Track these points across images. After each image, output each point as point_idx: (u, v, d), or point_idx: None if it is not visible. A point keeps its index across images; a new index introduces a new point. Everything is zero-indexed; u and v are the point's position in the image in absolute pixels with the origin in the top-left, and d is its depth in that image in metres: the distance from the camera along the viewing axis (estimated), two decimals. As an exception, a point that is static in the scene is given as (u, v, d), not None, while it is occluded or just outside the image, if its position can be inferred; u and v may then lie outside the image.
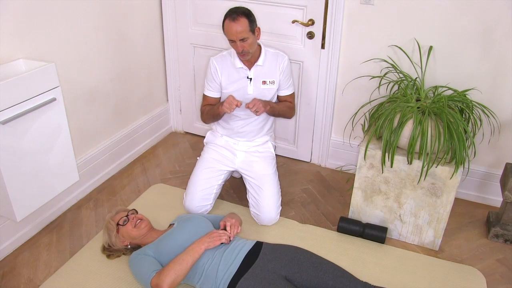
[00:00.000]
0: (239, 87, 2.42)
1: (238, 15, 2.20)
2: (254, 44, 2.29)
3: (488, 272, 2.20)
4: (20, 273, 2.16)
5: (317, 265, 1.91)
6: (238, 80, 2.42)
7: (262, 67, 2.41)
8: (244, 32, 2.20)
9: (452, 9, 2.33)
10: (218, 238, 1.98)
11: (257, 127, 2.53)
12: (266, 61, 2.41)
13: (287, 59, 2.46)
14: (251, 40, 2.24)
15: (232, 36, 2.22)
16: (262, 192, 2.42)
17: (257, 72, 2.41)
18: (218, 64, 2.43)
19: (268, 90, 2.44)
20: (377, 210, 2.37)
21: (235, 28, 2.19)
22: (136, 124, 3.09)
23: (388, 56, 2.57)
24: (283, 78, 2.46)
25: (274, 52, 2.45)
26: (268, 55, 2.42)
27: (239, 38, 2.21)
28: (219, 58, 2.45)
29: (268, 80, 2.43)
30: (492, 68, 2.39)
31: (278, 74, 2.44)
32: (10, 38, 2.07)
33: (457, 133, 2.01)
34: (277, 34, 2.79)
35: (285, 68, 2.44)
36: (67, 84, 2.42)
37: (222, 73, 2.43)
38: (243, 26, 2.19)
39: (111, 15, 2.66)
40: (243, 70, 2.40)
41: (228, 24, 2.21)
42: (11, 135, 1.90)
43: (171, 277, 1.84)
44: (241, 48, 2.24)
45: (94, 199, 2.71)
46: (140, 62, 3.01)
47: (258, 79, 2.42)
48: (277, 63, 2.43)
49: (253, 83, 2.41)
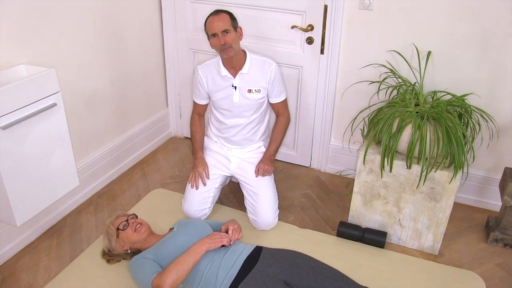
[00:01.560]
0: (225, 95, 2.43)
1: (220, 11, 2.26)
2: (236, 41, 2.29)
3: (487, 277, 2.20)
4: (20, 278, 2.16)
5: (316, 270, 1.91)
6: (224, 88, 2.42)
7: (247, 75, 2.39)
8: (226, 24, 2.22)
9: (450, 14, 2.34)
10: (219, 240, 1.98)
11: (248, 135, 2.53)
12: (251, 69, 2.39)
13: (274, 66, 2.42)
14: (233, 35, 2.26)
15: (214, 29, 2.23)
16: (258, 197, 2.42)
17: (242, 80, 2.40)
18: (203, 73, 2.45)
19: (254, 98, 2.43)
20: (376, 214, 2.37)
21: (217, 21, 2.22)
22: (136, 129, 3.10)
23: (387, 61, 2.58)
24: (273, 87, 2.44)
25: (261, 59, 2.42)
26: (254, 63, 2.40)
27: (221, 30, 2.22)
28: (204, 66, 2.46)
29: (253, 88, 2.41)
30: (491, 73, 2.40)
31: (265, 82, 2.42)
32: (11, 43, 2.09)
33: (456, 137, 2.02)
34: (276, 40, 2.80)
35: (273, 77, 2.42)
36: (68, 89, 2.43)
37: (208, 81, 2.45)
38: (225, 20, 2.23)
39: (112, 21, 2.67)
40: (227, 78, 2.40)
41: (210, 19, 2.25)
42: (12, 140, 1.91)
43: (172, 278, 1.84)
44: (223, 41, 2.23)
45: (94, 204, 2.71)
46: (140, 67, 3.02)
47: (244, 87, 2.40)
48: (263, 71, 2.41)
49: (238, 92, 2.40)
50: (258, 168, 2.46)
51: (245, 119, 2.47)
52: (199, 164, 2.50)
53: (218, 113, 2.50)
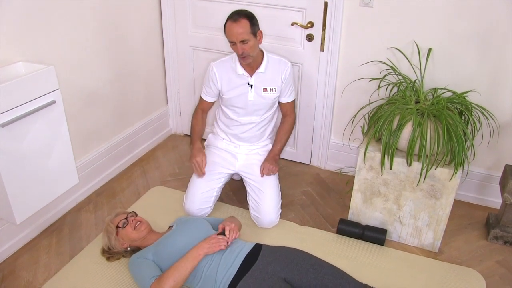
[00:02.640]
0: (239, 93, 2.41)
1: (240, 16, 2.19)
2: (255, 48, 2.27)
3: (487, 274, 2.20)
4: (20, 276, 2.16)
5: (316, 267, 1.91)
6: (239, 86, 2.41)
7: (264, 74, 2.39)
8: (244, 33, 2.19)
9: (451, 11, 2.34)
10: (217, 245, 1.96)
11: (258, 133, 2.53)
12: (268, 68, 2.40)
13: (289, 66, 2.43)
14: (252, 42, 2.23)
15: (233, 38, 2.20)
16: (263, 195, 2.42)
17: (259, 79, 2.40)
18: (218, 70, 2.42)
19: (269, 97, 2.44)
20: (376, 212, 2.37)
21: (236, 29, 2.18)
22: (135, 127, 3.10)
23: (387, 58, 2.57)
24: (285, 86, 2.45)
25: (277, 59, 2.43)
26: (270, 62, 2.41)
27: (240, 40, 2.19)
28: (219, 63, 2.44)
29: (269, 87, 2.41)
30: (491, 70, 2.39)
31: (280, 81, 2.43)
32: (10, 41, 2.08)
33: (456, 135, 2.01)
34: (276, 37, 2.79)
35: (287, 76, 2.43)
36: (67, 86, 2.43)
37: (222, 79, 2.42)
38: (244, 27, 2.18)
39: (111, 18, 2.66)
40: (244, 76, 2.39)
41: (230, 25, 2.20)
42: (11, 137, 1.90)
43: (170, 285, 1.83)
44: (241, 50, 2.22)
45: (94, 201, 2.71)
46: (139, 64, 3.01)
47: (259, 86, 2.40)
48: (279, 71, 2.41)
49: (254, 90, 2.40)
50: (263, 168, 2.46)
51: (258, 117, 2.47)
52: (196, 154, 2.47)
53: (229, 110, 2.48)
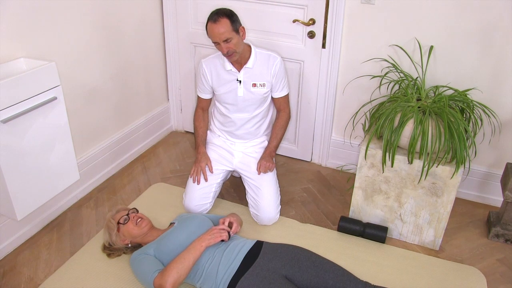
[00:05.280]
0: (229, 89, 2.42)
1: (220, 16, 2.19)
2: (239, 44, 2.27)
3: (488, 272, 2.20)
4: (20, 272, 2.16)
5: (317, 265, 1.91)
6: (228, 82, 2.42)
7: (252, 69, 2.39)
8: (226, 32, 2.18)
9: (452, 8, 2.33)
10: (218, 235, 1.98)
11: (253, 129, 2.53)
12: (256, 63, 2.39)
13: (279, 60, 2.43)
14: (235, 40, 2.23)
15: (216, 38, 2.21)
16: (261, 192, 2.42)
17: (247, 74, 2.39)
18: (207, 67, 2.44)
19: (258, 92, 2.43)
20: (377, 209, 2.37)
21: (217, 29, 2.18)
22: (136, 123, 3.10)
23: (388, 56, 2.57)
24: (276, 81, 2.45)
25: (266, 53, 2.42)
26: (258, 57, 2.40)
27: (223, 39, 2.19)
28: (209, 60, 2.45)
29: (258, 82, 2.41)
30: (493, 68, 2.38)
31: (269, 76, 2.42)
32: (11, 37, 2.07)
33: (458, 132, 2.01)
34: (278, 34, 2.78)
35: (277, 71, 2.42)
36: (68, 83, 2.43)
37: (212, 75, 2.44)
38: (225, 26, 2.18)
39: (112, 14, 2.66)
40: (232, 72, 2.39)
41: (210, 26, 2.20)
42: (12, 134, 1.90)
43: (173, 277, 1.84)
44: (226, 49, 2.22)
45: (95, 198, 2.71)
46: (140, 61, 3.01)
47: (248, 81, 2.40)
48: (268, 65, 2.41)
49: (243, 86, 2.40)
50: (259, 165, 2.46)
51: (249, 114, 2.47)
52: (201, 159, 2.49)
53: (222, 107, 2.50)
